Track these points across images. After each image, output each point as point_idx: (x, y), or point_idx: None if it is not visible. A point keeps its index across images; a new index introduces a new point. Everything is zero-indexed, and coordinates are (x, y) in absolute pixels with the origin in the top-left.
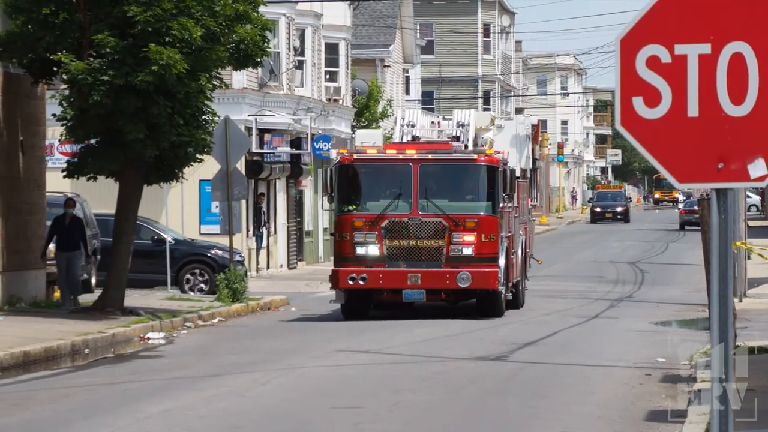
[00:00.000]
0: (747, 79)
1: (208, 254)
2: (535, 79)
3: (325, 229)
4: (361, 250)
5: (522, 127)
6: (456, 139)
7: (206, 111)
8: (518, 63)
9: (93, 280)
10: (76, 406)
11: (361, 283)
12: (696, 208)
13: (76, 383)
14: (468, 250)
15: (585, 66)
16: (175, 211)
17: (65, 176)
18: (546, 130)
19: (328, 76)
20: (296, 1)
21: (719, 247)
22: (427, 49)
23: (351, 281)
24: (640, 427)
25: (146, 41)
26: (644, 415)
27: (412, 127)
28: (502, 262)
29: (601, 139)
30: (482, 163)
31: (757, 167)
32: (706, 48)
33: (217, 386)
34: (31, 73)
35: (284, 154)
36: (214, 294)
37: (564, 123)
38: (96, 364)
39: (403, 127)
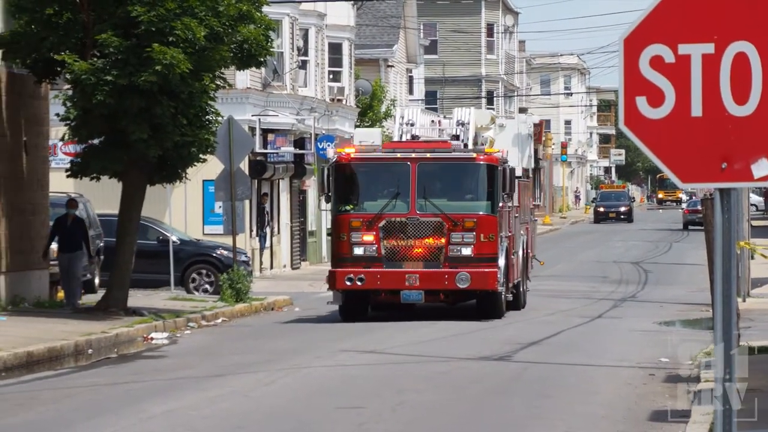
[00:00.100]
0: (750, 78)
1: (214, 254)
2: (539, 78)
3: (328, 229)
4: (358, 250)
5: (524, 126)
6: (456, 138)
7: (210, 111)
8: (522, 63)
9: (96, 281)
10: (80, 407)
11: (359, 283)
12: (699, 207)
13: (80, 383)
14: (467, 251)
15: (588, 66)
16: (178, 212)
17: (68, 176)
18: (549, 130)
19: (331, 76)
20: (300, 1)
21: (723, 247)
22: (431, 49)
23: (348, 282)
24: (644, 427)
25: (150, 41)
26: (648, 415)
27: (412, 126)
28: (501, 262)
29: (605, 139)
30: (481, 162)
31: (761, 167)
32: (710, 48)
33: (220, 386)
34: (35, 73)
35: (288, 154)
36: (220, 294)
37: (567, 123)
38: (99, 365)
39: (403, 126)
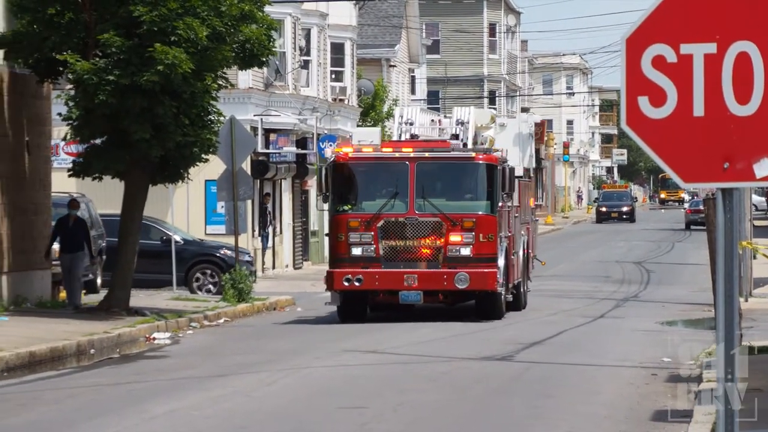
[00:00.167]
0: (753, 78)
1: (218, 254)
2: (541, 78)
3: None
4: (356, 250)
5: (525, 126)
6: (455, 138)
7: (212, 111)
8: (524, 62)
9: (98, 281)
10: (82, 407)
11: (357, 284)
12: (702, 207)
13: (82, 383)
14: (466, 251)
15: (591, 65)
16: (180, 212)
17: (70, 175)
18: (551, 130)
19: (333, 76)
20: (302, 1)
21: (725, 247)
22: (433, 48)
23: (346, 282)
24: (647, 427)
25: (152, 41)
26: (650, 415)
27: (411, 125)
28: (501, 262)
29: (607, 139)
30: (480, 162)
31: (763, 167)
32: (712, 47)
33: (222, 386)
34: (37, 72)
35: (290, 154)
36: (222, 294)
37: (570, 122)
38: (101, 365)
39: (402, 125)
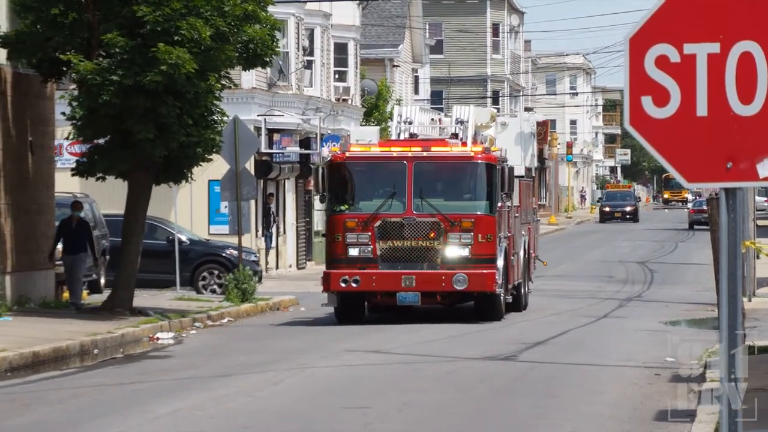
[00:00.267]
0: (756, 78)
1: (224, 254)
2: (544, 78)
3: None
4: (353, 251)
5: (527, 125)
6: (454, 137)
7: (215, 111)
8: (527, 62)
9: (102, 281)
10: (86, 407)
11: (354, 285)
12: (705, 207)
13: (86, 383)
14: (464, 251)
15: (594, 65)
16: (184, 211)
17: (74, 174)
18: (555, 130)
19: (337, 76)
20: (305, 1)
21: (728, 247)
22: (436, 48)
23: (343, 283)
24: (650, 427)
25: (155, 41)
26: (654, 414)
27: (410, 124)
28: (500, 263)
29: (611, 139)
30: (479, 161)
31: (766, 166)
32: (715, 47)
33: (226, 386)
34: (40, 72)
35: (293, 154)
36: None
37: (573, 122)
38: (105, 365)
39: (400, 124)
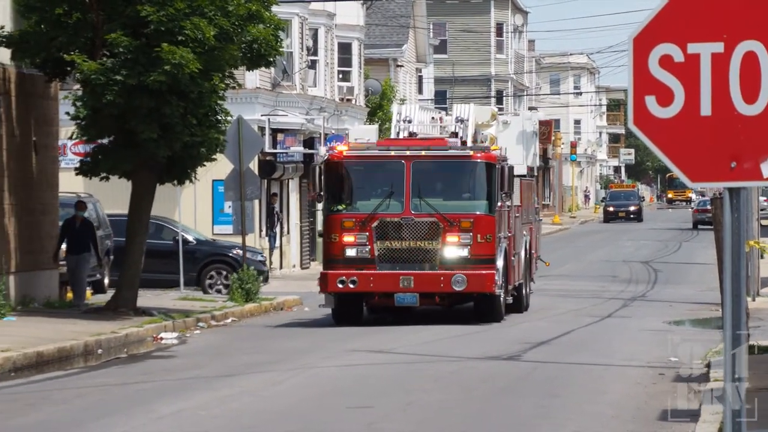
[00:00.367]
0: (759, 77)
1: (230, 254)
2: (548, 78)
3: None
4: (350, 251)
5: (529, 123)
6: (454, 135)
7: (219, 111)
8: (531, 62)
9: (106, 281)
10: (90, 407)
11: (351, 286)
12: (709, 207)
13: (90, 383)
14: (463, 252)
15: (598, 65)
16: (188, 211)
17: (77, 173)
18: (559, 130)
19: (341, 76)
20: (309, 1)
21: (732, 246)
22: (440, 48)
23: (340, 284)
24: (654, 427)
25: (159, 41)
26: (658, 414)
27: (409, 122)
28: (500, 263)
29: (614, 139)
30: (478, 160)
31: None
32: (719, 47)
33: (230, 386)
34: (44, 72)
35: (297, 154)
36: (230, 294)
37: (577, 122)
38: (109, 365)
39: (399, 123)
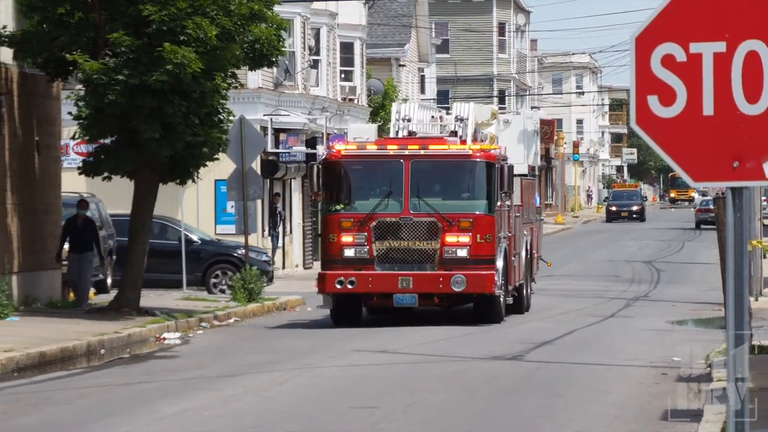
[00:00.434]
0: (762, 77)
1: (235, 254)
2: (551, 77)
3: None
4: (349, 252)
5: (530, 122)
6: (454, 134)
7: (221, 110)
8: (533, 62)
9: (109, 281)
10: (93, 407)
11: (350, 286)
12: (711, 206)
13: (92, 383)
14: (462, 252)
15: (600, 64)
16: (190, 211)
17: (80, 173)
18: (561, 129)
19: (343, 76)
20: (311, 0)
21: (735, 246)
22: (443, 48)
23: (339, 285)
24: (657, 427)
25: (161, 40)
26: (660, 414)
27: (408, 121)
28: (500, 264)
29: (617, 138)
30: (478, 159)
31: None
32: (721, 46)
33: (233, 386)
34: (47, 72)
35: (299, 154)
36: (233, 294)
37: (579, 122)
38: (112, 365)
39: (399, 122)
